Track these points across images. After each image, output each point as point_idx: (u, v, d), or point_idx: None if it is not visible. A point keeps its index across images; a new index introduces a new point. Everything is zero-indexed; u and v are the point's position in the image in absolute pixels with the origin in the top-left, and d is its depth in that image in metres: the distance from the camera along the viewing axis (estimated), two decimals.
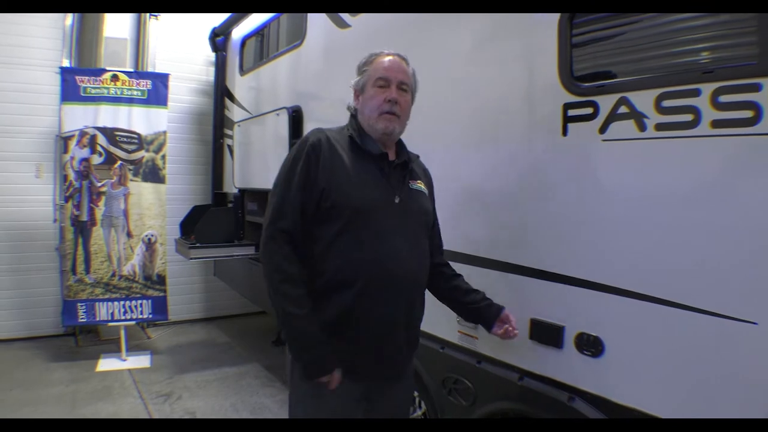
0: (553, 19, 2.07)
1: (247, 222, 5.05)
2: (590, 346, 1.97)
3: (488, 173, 2.44)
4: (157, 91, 5.52)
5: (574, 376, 2.04)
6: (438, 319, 2.60)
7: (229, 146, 5.49)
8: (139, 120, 5.46)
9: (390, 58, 2.01)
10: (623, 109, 1.84)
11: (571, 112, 2.02)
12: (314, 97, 3.90)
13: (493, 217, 2.42)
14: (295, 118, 3.95)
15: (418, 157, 2.24)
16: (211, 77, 6.15)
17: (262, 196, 4.85)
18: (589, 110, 1.95)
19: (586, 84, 1.99)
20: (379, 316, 1.87)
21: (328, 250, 1.86)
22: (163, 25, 6.46)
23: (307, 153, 1.88)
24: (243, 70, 5.40)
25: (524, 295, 2.24)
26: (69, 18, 6.03)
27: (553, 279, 2.11)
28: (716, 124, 1.59)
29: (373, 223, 1.87)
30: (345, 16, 3.42)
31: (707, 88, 1.61)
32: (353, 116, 2.09)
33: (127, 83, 5.42)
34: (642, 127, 1.79)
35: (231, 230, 5.00)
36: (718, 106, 1.59)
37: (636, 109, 1.80)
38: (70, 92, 5.26)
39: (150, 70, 6.23)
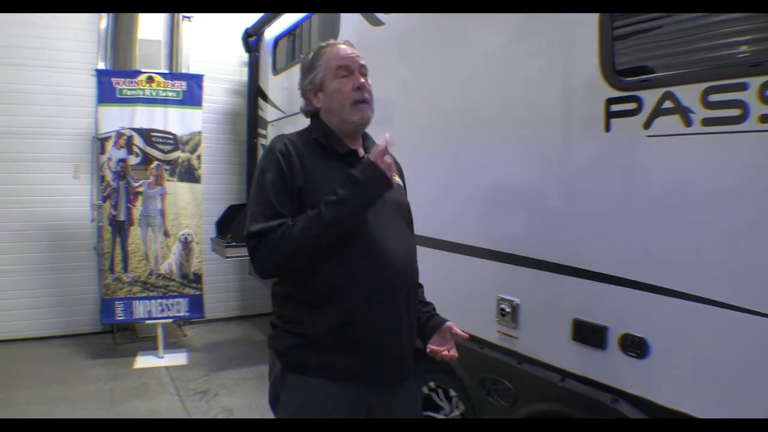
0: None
1: None
2: (635, 347, 1.93)
3: (525, 171, 2.42)
4: (191, 92, 5.57)
5: (618, 378, 2.00)
6: (476, 318, 2.59)
7: (263, 146, 5.52)
8: (175, 121, 5.51)
9: (341, 45, 1.89)
10: (668, 104, 1.80)
11: (614, 108, 1.98)
12: None
13: (531, 215, 2.39)
14: None
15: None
16: (245, 78, 6.21)
17: None
18: (632, 105, 1.91)
19: (629, 78, 1.94)
20: (380, 317, 1.73)
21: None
22: (196, 27, 6.52)
23: (278, 161, 1.73)
24: (276, 70, 5.43)
25: (566, 294, 2.20)
26: (103, 21, 6.11)
27: (596, 278, 2.07)
28: (765, 119, 1.55)
29: (362, 224, 1.72)
30: (379, 14, 3.41)
31: (755, 82, 1.57)
32: (314, 117, 1.92)
33: (162, 84, 5.48)
34: (688, 123, 1.75)
35: None
36: (767, 100, 1.55)
37: (681, 103, 1.76)
38: (106, 94, 5.33)
39: (184, 71, 6.31)
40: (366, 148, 1.95)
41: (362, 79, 1.83)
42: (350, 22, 3.80)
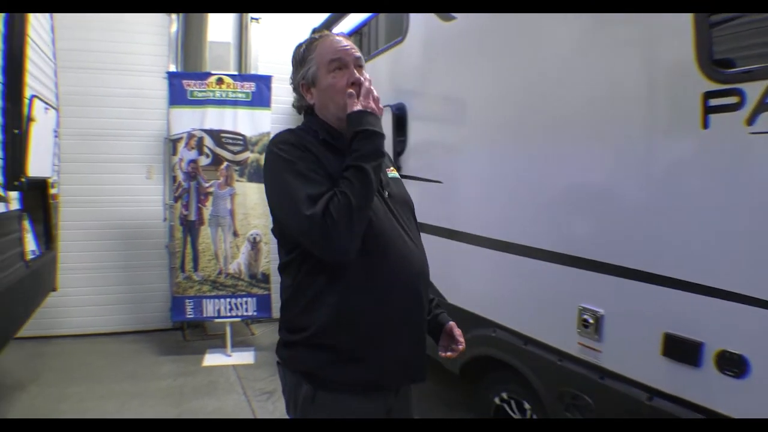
0: None
1: None
2: (733, 365, 1.79)
3: (610, 171, 2.29)
4: (260, 93, 5.61)
5: (713, 398, 1.86)
6: (555, 328, 2.49)
7: None
8: (244, 122, 5.57)
9: (334, 37, 1.75)
10: None
11: (713, 102, 1.83)
12: (418, 94, 3.81)
13: (616, 220, 2.25)
14: (399, 115, 3.88)
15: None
16: None
17: None
18: (733, 99, 1.76)
19: (730, 70, 1.80)
20: (401, 319, 1.65)
21: (330, 268, 1.60)
22: (264, 28, 6.59)
23: (298, 151, 1.61)
24: None
25: (656, 306, 2.06)
26: (174, 25, 6.24)
27: (690, 289, 1.92)
28: None
29: (376, 226, 1.61)
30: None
31: None
32: (309, 114, 1.81)
33: (231, 86, 5.54)
34: None
35: None
36: None
37: None
38: (177, 96, 5.43)
39: (253, 72, 6.37)
40: None
41: (357, 74, 1.69)
42: (419, 18, 3.72)
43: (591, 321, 2.31)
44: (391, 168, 1.88)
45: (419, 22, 3.72)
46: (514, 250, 2.73)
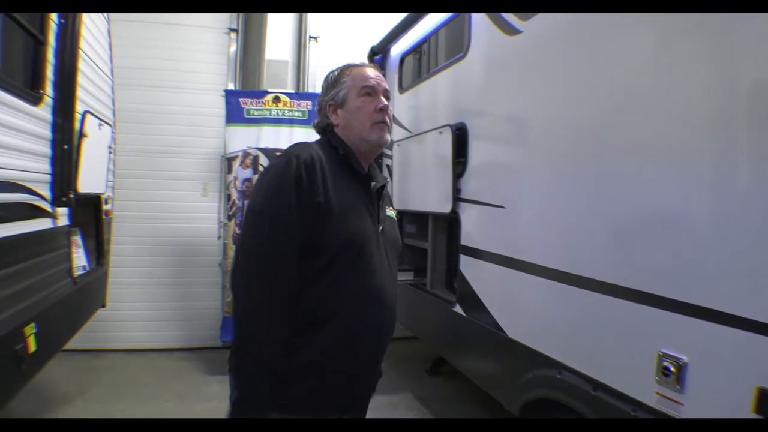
0: None
1: (405, 245, 4.87)
2: None
3: (689, 199, 2.00)
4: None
5: None
6: (629, 374, 2.20)
7: (387, 166, 5.36)
8: (300, 140, 5.47)
9: (368, 67, 1.87)
10: None
11: None
12: (480, 113, 3.60)
13: (704, 255, 1.93)
14: (460, 135, 3.69)
15: (386, 179, 2.04)
16: None
17: (421, 218, 4.66)
18: None
19: None
20: (356, 359, 1.70)
21: (311, 285, 1.62)
22: (322, 47, 6.53)
23: (299, 174, 1.59)
24: (402, 88, 5.26)
25: (746, 355, 1.76)
26: (233, 44, 6.25)
27: None
28: None
29: (366, 256, 1.66)
30: (514, 21, 3.10)
31: None
32: (332, 132, 1.85)
33: (288, 104, 5.50)
34: None
35: None
36: None
37: None
38: (234, 114, 5.42)
39: (310, 90, 6.29)
40: (374, 173, 1.91)
41: (386, 102, 1.82)
42: (481, 33, 3.53)
43: (672, 369, 2.02)
44: (390, 207, 1.96)
45: (481, 38, 3.53)
46: (584, 283, 2.47)
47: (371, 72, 1.84)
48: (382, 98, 1.81)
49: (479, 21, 3.54)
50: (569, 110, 2.64)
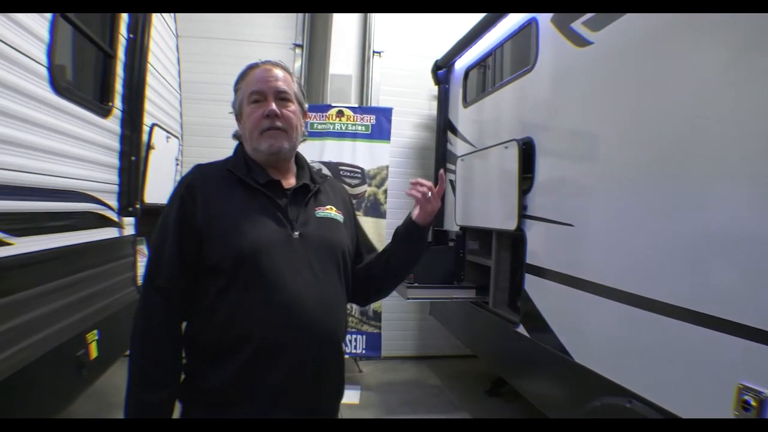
0: None
1: (468, 262, 4.77)
2: None
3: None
4: (380, 125, 5.54)
5: None
6: (705, 406, 2.04)
7: (451, 181, 5.29)
8: (363, 154, 5.49)
9: (263, 67, 1.71)
10: None
11: None
12: (548, 127, 3.48)
13: None
14: (526, 150, 3.58)
15: (326, 177, 1.87)
16: (433, 111, 6.06)
17: (484, 235, 4.56)
18: None
19: None
20: (275, 383, 1.51)
21: (213, 308, 1.53)
22: (385, 61, 6.53)
23: (182, 197, 1.59)
24: (466, 102, 5.19)
25: None
26: (298, 60, 6.34)
27: None
28: None
29: (266, 269, 1.52)
30: (584, 32, 2.99)
31: None
32: (241, 143, 1.78)
33: (351, 118, 5.50)
34: None
35: (451, 270, 4.75)
36: None
37: None
38: None
39: (373, 105, 6.31)
40: (300, 177, 1.79)
41: (273, 106, 1.65)
42: (549, 45, 3.43)
43: (753, 403, 1.86)
44: (329, 207, 1.79)
45: (550, 50, 3.43)
46: (658, 308, 2.32)
47: (261, 74, 1.69)
48: (272, 103, 1.65)
49: (547, 33, 3.44)
50: (643, 125, 2.50)
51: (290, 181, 1.75)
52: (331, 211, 1.77)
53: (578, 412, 2.79)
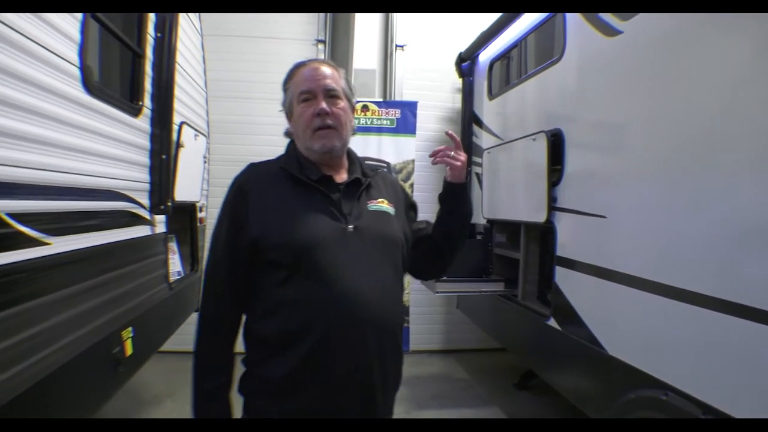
0: None
1: (495, 255, 4.75)
2: None
3: None
4: (405, 119, 5.53)
5: None
6: (745, 398, 1.99)
7: (477, 174, 5.26)
8: (389, 149, 5.50)
9: (310, 66, 1.74)
10: None
11: None
12: (577, 118, 3.44)
13: None
14: (555, 142, 3.54)
15: (377, 170, 1.87)
16: (457, 104, 6.03)
17: (512, 228, 4.53)
18: None
19: None
20: (334, 374, 1.54)
21: (275, 302, 1.57)
22: (408, 55, 6.50)
23: (234, 197, 1.66)
24: (491, 94, 5.15)
25: None
26: (321, 55, 6.33)
27: None
28: None
29: (323, 262, 1.54)
30: (613, 21, 2.95)
31: None
32: (292, 141, 1.82)
33: (376, 113, 5.51)
34: None
35: (480, 264, 4.73)
36: None
37: None
38: None
39: (397, 99, 6.29)
40: (351, 171, 1.79)
41: (323, 104, 1.67)
42: (578, 35, 3.39)
43: None
44: (380, 200, 1.79)
45: (578, 40, 3.39)
46: (697, 299, 2.27)
47: (309, 73, 1.72)
48: (322, 101, 1.67)
49: (575, 23, 3.40)
50: (676, 114, 2.46)
51: (342, 176, 1.77)
52: (382, 204, 1.78)
53: (612, 405, 2.77)
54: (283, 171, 1.69)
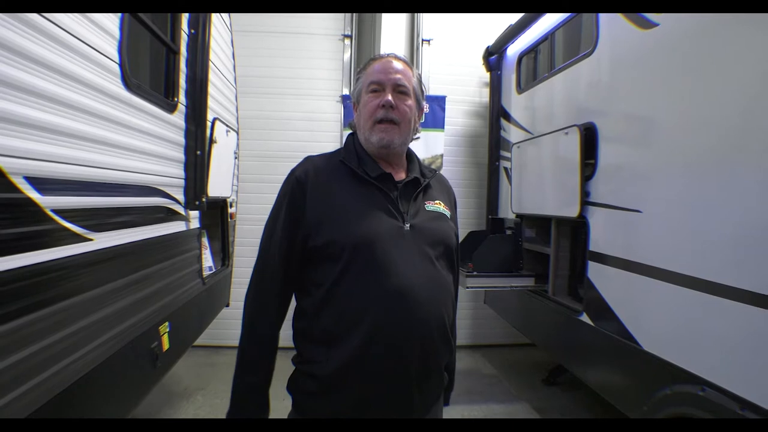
0: None
1: (525, 250, 4.72)
2: None
3: None
4: (434, 114, 5.52)
5: None
6: None
7: (505, 169, 5.23)
8: (417, 143, 5.48)
9: (385, 59, 1.72)
10: None
11: None
12: (611, 112, 3.39)
13: None
14: (588, 136, 3.51)
15: (434, 172, 1.84)
16: (484, 98, 6.01)
17: (541, 222, 4.51)
18: None
19: None
20: (387, 368, 1.55)
21: (328, 296, 1.57)
22: (435, 49, 6.49)
23: (292, 190, 1.65)
24: (520, 88, 5.11)
25: None
26: (347, 51, 6.36)
27: None
28: None
29: (379, 258, 1.54)
30: (649, 14, 2.91)
31: None
32: (353, 134, 1.80)
33: None
34: None
35: (510, 259, 4.70)
36: None
37: None
38: (350, 118, 5.45)
39: (425, 93, 6.24)
40: (410, 170, 1.78)
41: (389, 96, 1.65)
42: (611, 28, 3.35)
43: None
44: (437, 201, 1.79)
45: (612, 32, 3.35)
46: (736, 295, 2.25)
47: (382, 66, 1.70)
48: (389, 94, 1.65)
49: (608, 16, 3.37)
50: (714, 107, 2.43)
51: (401, 175, 1.76)
52: (439, 206, 1.78)
53: (646, 400, 2.75)
54: (343, 165, 1.69)
